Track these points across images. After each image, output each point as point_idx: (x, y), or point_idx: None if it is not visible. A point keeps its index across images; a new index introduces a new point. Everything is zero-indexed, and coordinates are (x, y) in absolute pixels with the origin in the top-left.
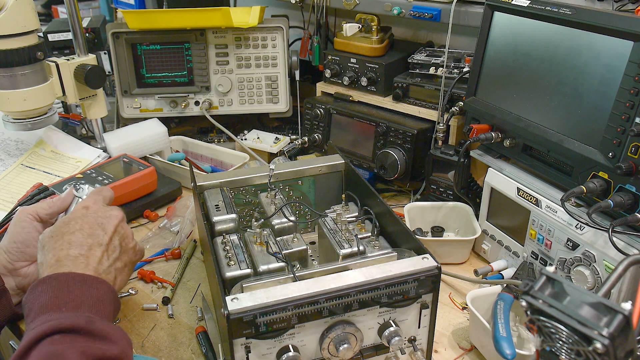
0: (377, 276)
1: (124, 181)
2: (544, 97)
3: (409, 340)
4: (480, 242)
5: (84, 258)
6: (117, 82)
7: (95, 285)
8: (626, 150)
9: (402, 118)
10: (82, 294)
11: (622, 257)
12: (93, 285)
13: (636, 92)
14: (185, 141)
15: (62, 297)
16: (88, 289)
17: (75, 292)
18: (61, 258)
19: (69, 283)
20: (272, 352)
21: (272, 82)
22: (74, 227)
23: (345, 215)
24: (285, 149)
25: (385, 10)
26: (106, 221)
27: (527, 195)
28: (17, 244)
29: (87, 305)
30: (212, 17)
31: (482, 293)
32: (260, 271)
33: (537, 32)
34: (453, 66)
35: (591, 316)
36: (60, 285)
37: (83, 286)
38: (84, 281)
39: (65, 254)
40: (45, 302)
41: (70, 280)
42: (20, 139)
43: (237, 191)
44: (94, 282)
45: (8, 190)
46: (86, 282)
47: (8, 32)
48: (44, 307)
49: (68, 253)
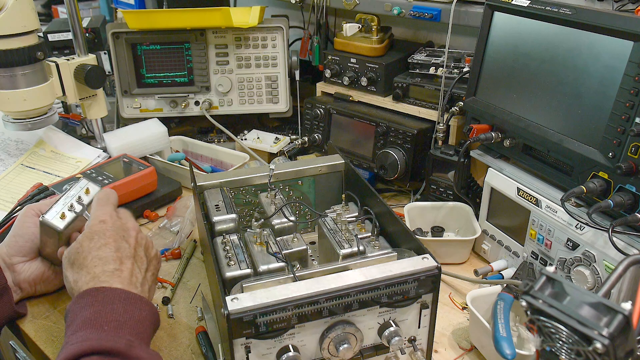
0: (377, 276)
1: (124, 181)
2: (544, 97)
3: (409, 340)
4: (480, 242)
5: (119, 272)
6: (117, 82)
7: (138, 305)
8: (626, 150)
9: (402, 118)
10: (125, 313)
11: (622, 257)
12: (137, 306)
13: (636, 92)
14: (185, 141)
15: (105, 314)
16: (132, 308)
17: (119, 311)
18: (97, 274)
19: (114, 300)
20: (272, 352)
21: (272, 82)
22: (98, 242)
23: (345, 215)
24: (285, 149)
25: (385, 10)
26: (126, 234)
27: (527, 195)
28: (15, 237)
29: (129, 327)
30: (212, 17)
31: (482, 293)
32: (260, 271)
33: (537, 32)
34: (453, 66)
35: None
36: (105, 300)
37: (127, 305)
38: (128, 300)
39: (101, 270)
40: (88, 317)
41: (115, 297)
42: (20, 139)
43: (237, 191)
44: (137, 302)
45: (8, 190)
46: (130, 300)
47: (8, 32)
48: (87, 322)
49: (104, 269)
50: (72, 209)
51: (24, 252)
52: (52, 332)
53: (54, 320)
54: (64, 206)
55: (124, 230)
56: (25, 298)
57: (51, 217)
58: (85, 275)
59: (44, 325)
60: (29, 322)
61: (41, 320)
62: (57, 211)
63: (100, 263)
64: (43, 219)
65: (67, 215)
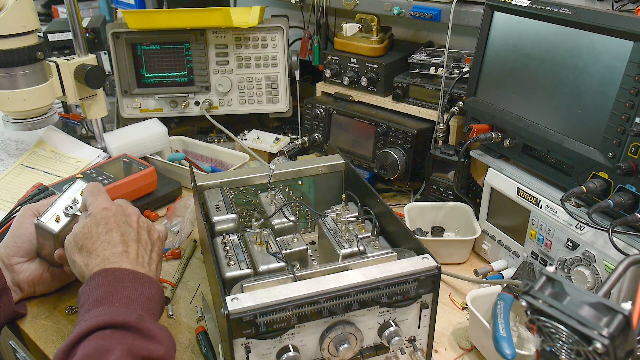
0: (377, 276)
1: (124, 181)
2: (544, 97)
3: (409, 340)
4: (480, 242)
5: (127, 254)
6: (117, 82)
7: (147, 284)
8: (626, 150)
9: (402, 118)
10: (135, 290)
11: (622, 257)
12: (145, 284)
13: (636, 92)
14: (185, 141)
15: (116, 292)
16: (141, 287)
17: (129, 289)
18: (107, 256)
19: (123, 279)
20: (272, 352)
21: (272, 82)
22: (105, 227)
23: (345, 215)
24: (285, 149)
25: (385, 10)
26: (128, 218)
27: (527, 195)
28: (14, 238)
29: (139, 303)
30: (212, 17)
31: (482, 293)
32: (260, 271)
33: (537, 32)
34: (453, 66)
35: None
36: (115, 280)
37: (136, 283)
38: (137, 279)
39: (110, 252)
40: (100, 295)
41: (125, 276)
42: (20, 139)
43: (237, 191)
44: (146, 281)
45: (8, 190)
46: (139, 279)
47: (8, 32)
48: (99, 300)
49: (112, 251)
50: (67, 211)
51: (22, 252)
52: (52, 332)
53: (54, 320)
54: (59, 208)
55: (126, 215)
56: (25, 298)
57: (46, 220)
58: (95, 258)
59: (44, 325)
60: (29, 322)
61: (41, 320)
62: (52, 214)
63: (108, 246)
64: (38, 222)
65: (62, 218)
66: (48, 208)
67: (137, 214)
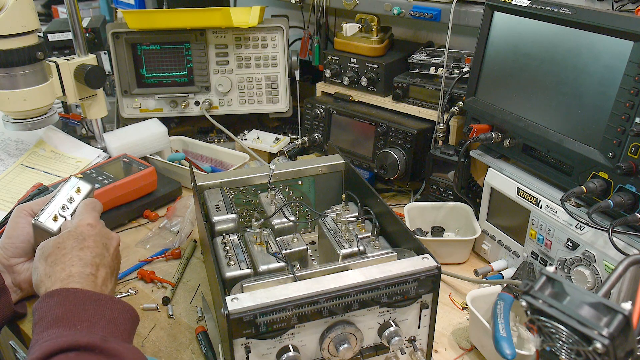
0: (377, 276)
1: (124, 181)
2: (544, 97)
3: (409, 340)
4: (480, 242)
5: (94, 278)
6: (117, 82)
7: (109, 305)
8: (626, 150)
9: (402, 118)
10: (96, 314)
11: (622, 257)
12: (107, 306)
13: (636, 92)
14: (185, 141)
15: (77, 314)
16: (102, 309)
17: (89, 312)
18: (73, 273)
19: (84, 302)
20: (272, 352)
21: (272, 82)
22: (82, 243)
23: (345, 215)
24: (285, 149)
25: (385, 10)
26: (109, 243)
27: (527, 195)
28: (11, 239)
29: (100, 326)
30: (212, 17)
31: (482, 293)
32: (260, 271)
33: (537, 32)
34: (453, 66)
35: (591, 316)
36: (77, 301)
37: (97, 306)
38: (98, 301)
39: (77, 270)
40: (59, 316)
41: (86, 299)
42: (20, 139)
43: (237, 191)
44: (108, 303)
45: (8, 190)
46: (100, 302)
47: (8, 32)
48: (59, 321)
49: (80, 270)
50: (63, 210)
51: (20, 253)
52: None
53: None
54: (55, 207)
55: (108, 238)
56: (24, 298)
57: (44, 219)
58: (60, 272)
59: None
60: (29, 322)
61: None
62: (49, 213)
63: (78, 263)
64: (36, 222)
65: (59, 217)
66: (44, 207)
67: (118, 241)
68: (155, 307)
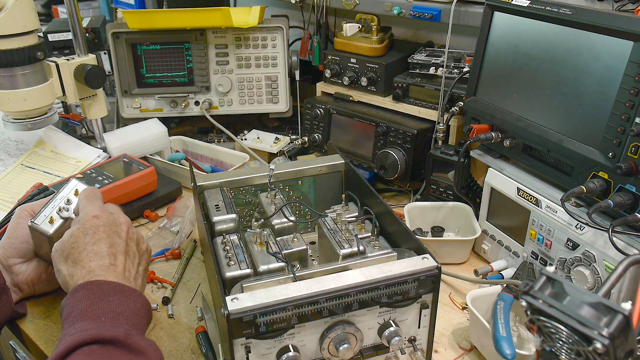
0: (377, 276)
1: (124, 181)
2: (544, 97)
3: (409, 340)
4: (480, 242)
5: (114, 267)
6: (117, 82)
7: (133, 297)
8: (626, 150)
9: (402, 118)
10: (121, 304)
11: (622, 257)
12: (131, 298)
13: (636, 92)
14: (185, 141)
15: (102, 305)
16: (127, 300)
17: (114, 303)
18: (93, 268)
19: (109, 292)
20: (272, 352)
21: (272, 82)
22: (93, 237)
23: (345, 215)
24: (285, 149)
25: (385, 10)
26: (119, 228)
27: (527, 195)
28: (11, 239)
29: (125, 317)
30: (212, 17)
31: (482, 293)
32: (260, 271)
33: (537, 32)
34: (453, 66)
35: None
36: (101, 293)
37: (122, 297)
38: (122, 292)
39: (96, 264)
40: (85, 308)
41: (110, 289)
42: (20, 139)
43: (237, 191)
44: (132, 294)
45: (8, 190)
46: (125, 293)
47: (8, 32)
48: (84, 314)
49: (99, 264)
50: (60, 212)
51: (20, 253)
52: (52, 332)
53: (53, 320)
54: (52, 209)
55: (116, 225)
56: (24, 298)
57: (40, 221)
58: (80, 270)
59: (44, 325)
60: (29, 322)
61: (41, 320)
62: (45, 215)
63: (95, 258)
64: (32, 224)
65: (55, 219)
66: (42, 209)
67: (127, 224)
68: (155, 307)
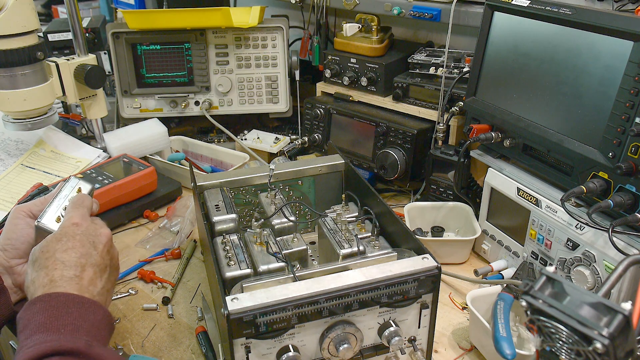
0: (377, 276)
1: (124, 181)
2: (544, 97)
3: (409, 340)
4: (480, 242)
5: (78, 279)
6: (117, 82)
7: (92, 309)
8: (626, 150)
9: (402, 118)
10: (80, 316)
11: (622, 257)
12: (91, 310)
13: (636, 92)
14: (185, 141)
15: (61, 318)
16: (86, 312)
17: (74, 315)
18: (55, 278)
19: (68, 304)
20: (272, 352)
21: (272, 82)
22: (65, 245)
23: (345, 215)
24: (285, 149)
25: (385, 10)
26: (97, 240)
27: (527, 195)
28: (10, 240)
29: (85, 330)
30: (212, 17)
31: (482, 293)
32: (260, 271)
33: (537, 32)
34: (453, 66)
35: (591, 316)
36: (59, 305)
37: (82, 309)
38: (82, 304)
39: (60, 274)
40: (43, 321)
41: (69, 301)
42: (20, 139)
43: (237, 191)
44: (92, 306)
45: (8, 190)
46: (84, 305)
47: (8, 32)
48: (42, 326)
49: (62, 274)
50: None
51: (21, 254)
52: None
53: None
54: (57, 208)
55: (95, 235)
56: (24, 298)
57: (47, 221)
58: (43, 277)
59: None
60: None
61: None
62: (52, 215)
63: (60, 267)
64: (39, 224)
65: (62, 218)
66: (46, 209)
67: (108, 236)
68: (155, 307)
